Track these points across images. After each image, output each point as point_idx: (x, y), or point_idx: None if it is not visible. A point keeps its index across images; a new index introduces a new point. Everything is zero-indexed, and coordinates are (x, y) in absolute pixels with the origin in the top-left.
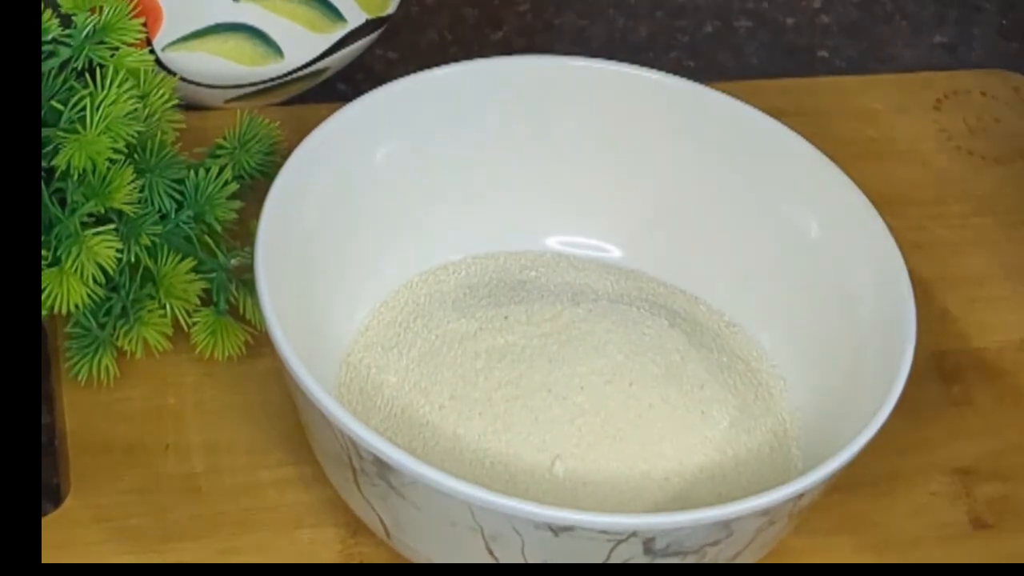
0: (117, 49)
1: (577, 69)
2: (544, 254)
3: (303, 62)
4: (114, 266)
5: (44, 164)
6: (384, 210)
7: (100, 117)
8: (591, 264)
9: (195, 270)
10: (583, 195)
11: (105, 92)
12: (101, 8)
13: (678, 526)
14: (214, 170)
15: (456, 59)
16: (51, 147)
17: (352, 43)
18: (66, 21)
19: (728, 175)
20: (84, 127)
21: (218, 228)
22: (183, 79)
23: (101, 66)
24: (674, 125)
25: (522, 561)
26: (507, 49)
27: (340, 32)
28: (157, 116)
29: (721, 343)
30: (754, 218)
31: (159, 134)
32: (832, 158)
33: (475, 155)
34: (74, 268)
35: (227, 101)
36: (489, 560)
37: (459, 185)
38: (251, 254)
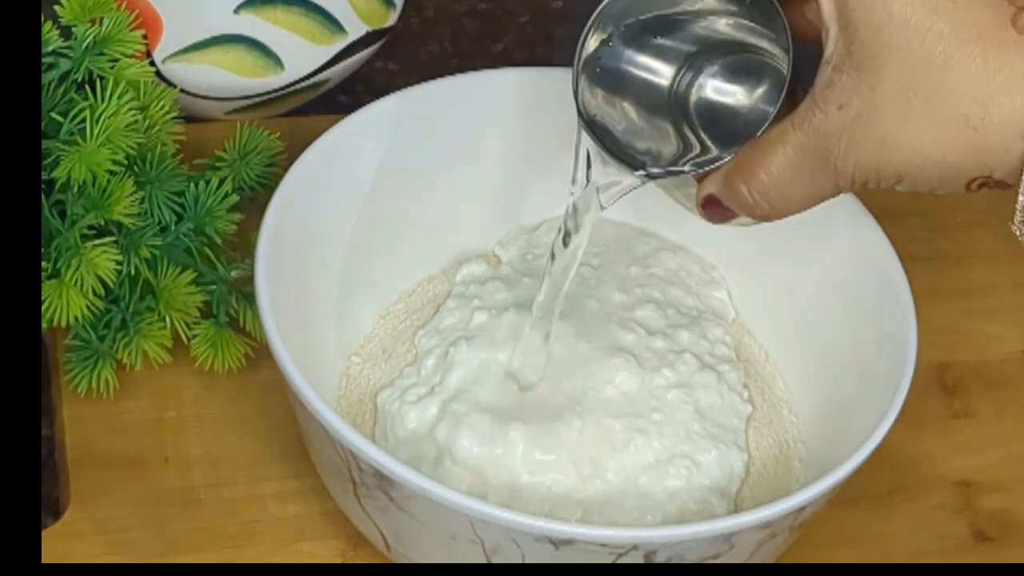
0: (117, 61)
1: None
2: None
3: (303, 74)
4: (114, 278)
5: (44, 176)
6: (384, 221)
7: (100, 129)
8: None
9: (195, 282)
10: None
11: (105, 104)
12: (101, 20)
13: (679, 539)
14: (214, 182)
15: (457, 71)
16: (51, 159)
17: (353, 55)
18: (66, 33)
19: None
20: (84, 139)
21: (218, 240)
22: (183, 91)
23: (101, 78)
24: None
25: None
26: (508, 61)
27: (340, 44)
28: (157, 128)
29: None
30: (754, 231)
31: (159, 146)
32: None
33: (476, 166)
34: (74, 280)
35: (227, 113)
36: None
37: (459, 196)
38: (251, 266)
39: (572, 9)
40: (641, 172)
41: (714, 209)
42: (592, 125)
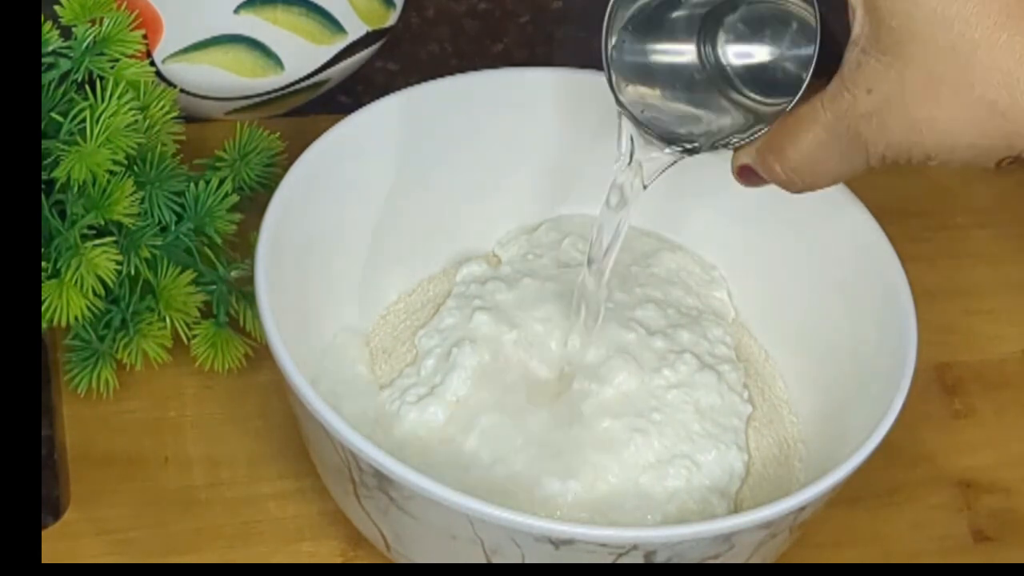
0: (117, 61)
1: (577, 81)
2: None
3: (303, 74)
4: (114, 278)
5: (44, 176)
6: (385, 222)
7: (100, 129)
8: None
9: (195, 282)
10: (583, 205)
11: (105, 104)
12: (101, 20)
13: (680, 539)
14: (214, 182)
15: (457, 71)
16: (51, 159)
17: (353, 55)
18: (66, 33)
19: (728, 189)
20: (84, 139)
21: (218, 240)
22: (183, 91)
23: (101, 78)
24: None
25: None
26: (508, 61)
27: (340, 44)
28: (157, 128)
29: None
30: (755, 232)
31: (159, 146)
32: None
33: (476, 166)
34: (74, 280)
35: (227, 113)
36: None
37: (459, 196)
38: (251, 266)
39: (572, 9)
40: (676, 149)
41: (749, 177)
42: (636, 115)
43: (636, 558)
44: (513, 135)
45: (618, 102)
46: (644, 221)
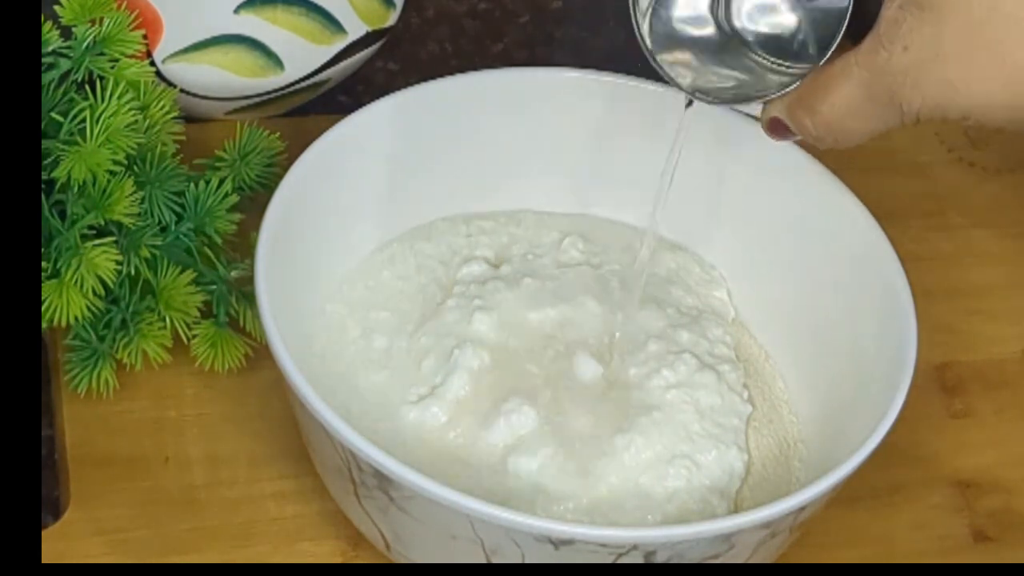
0: (117, 61)
1: (577, 81)
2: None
3: (303, 74)
4: (114, 278)
5: (44, 176)
6: (386, 222)
7: (100, 129)
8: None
9: (195, 282)
10: (583, 205)
11: (105, 104)
12: (101, 20)
13: (680, 539)
14: (214, 182)
15: (457, 71)
16: (51, 159)
17: (353, 55)
18: (66, 33)
19: (727, 188)
20: (84, 139)
21: (218, 240)
22: (183, 91)
23: (101, 78)
24: (674, 138)
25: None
26: (508, 61)
27: (340, 44)
28: (157, 128)
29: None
30: (755, 232)
31: (159, 146)
32: (833, 171)
33: (475, 167)
34: (74, 280)
35: (227, 113)
36: None
37: (459, 196)
38: (251, 266)
39: (572, 9)
40: (712, 100)
41: (779, 131)
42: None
43: (636, 558)
44: (513, 135)
45: (653, 60)
46: (645, 221)
